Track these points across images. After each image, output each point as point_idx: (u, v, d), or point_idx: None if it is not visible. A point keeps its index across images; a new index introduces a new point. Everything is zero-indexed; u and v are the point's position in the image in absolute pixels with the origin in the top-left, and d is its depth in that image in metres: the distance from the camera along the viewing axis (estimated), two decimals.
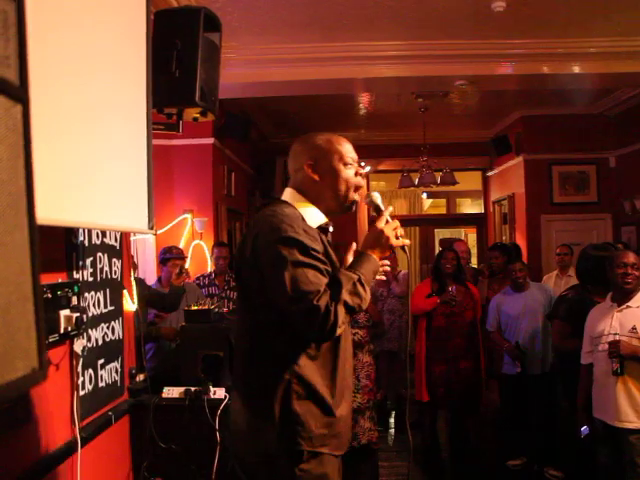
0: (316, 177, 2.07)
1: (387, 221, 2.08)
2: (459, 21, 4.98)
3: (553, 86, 6.40)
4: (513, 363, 4.99)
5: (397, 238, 2.07)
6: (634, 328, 3.41)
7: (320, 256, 1.89)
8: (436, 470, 5.15)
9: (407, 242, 2.12)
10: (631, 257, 3.51)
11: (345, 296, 1.84)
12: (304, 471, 1.90)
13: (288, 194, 2.12)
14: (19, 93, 0.80)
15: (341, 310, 1.82)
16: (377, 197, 2.14)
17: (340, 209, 2.13)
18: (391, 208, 2.14)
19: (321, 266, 1.87)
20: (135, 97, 2.64)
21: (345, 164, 2.08)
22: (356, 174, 2.11)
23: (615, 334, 3.44)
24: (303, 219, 1.99)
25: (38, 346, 0.80)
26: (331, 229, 2.16)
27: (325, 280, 1.85)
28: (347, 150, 2.10)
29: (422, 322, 5.37)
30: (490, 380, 5.78)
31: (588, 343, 3.67)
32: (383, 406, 6.08)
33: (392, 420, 6.39)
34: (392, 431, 6.08)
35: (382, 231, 2.05)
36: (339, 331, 1.84)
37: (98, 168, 2.22)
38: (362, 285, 1.91)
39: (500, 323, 5.20)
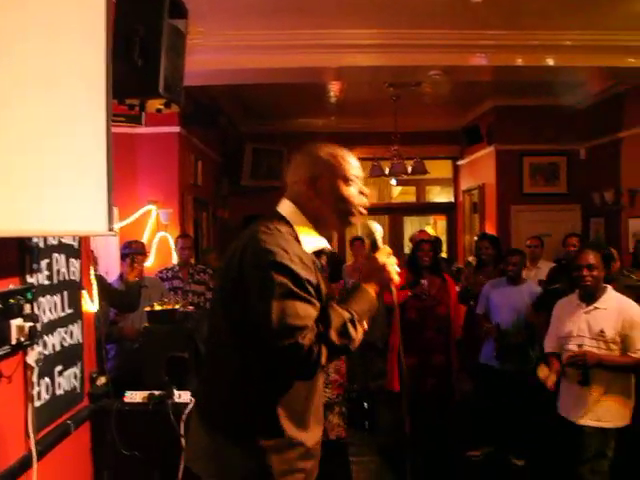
0: (314, 196, 1.90)
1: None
2: (434, 10, 4.88)
3: (527, 78, 6.35)
4: (492, 347, 4.97)
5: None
6: (602, 331, 3.43)
7: (312, 290, 1.74)
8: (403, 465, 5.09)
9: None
10: (590, 258, 3.50)
11: (333, 337, 1.70)
12: None
13: (287, 208, 1.93)
14: None
15: (325, 351, 1.68)
16: (377, 230, 2.00)
17: (337, 229, 2.01)
18: (388, 249, 1.98)
19: (313, 300, 1.73)
20: (94, 88, 2.46)
21: (347, 181, 1.91)
22: (360, 193, 1.95)
23: (583, 337, 3.47)
24: (299, 241, 1.84)
25: None
26: (326, 249, 1.99)
27: (314, 315, 1.71)
28: (352, 166, 1.94)
29: (395, 314, 5.31)
30: (463, 372, 5.75)
31: (554, 336, 3.72)
32: (358, 399, 6.00)
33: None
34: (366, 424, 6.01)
35: (384, 266, 1.92)
36: (318, 370, 1.72)
37: (50, 170, 2.07)
38: (353, 325, 1.76)
39: (487, 309, 5.17)
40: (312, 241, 1.89)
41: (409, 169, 8.37)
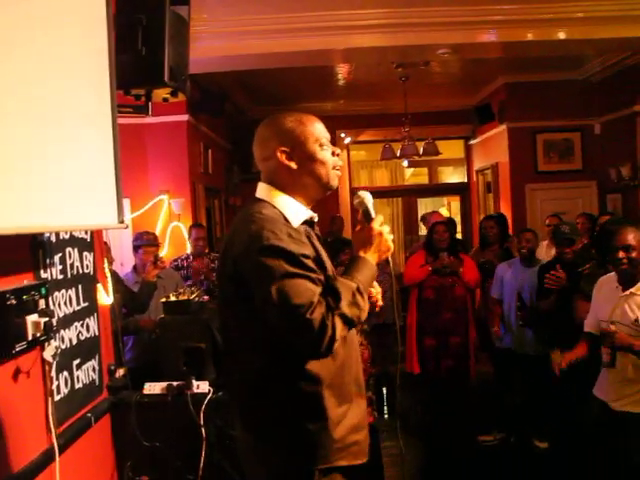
0: (293, 165, 1.86)
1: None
2: None
3: (538, 53, 6.24)
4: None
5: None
6: (637, 320, 3.12)
7: (310, 262, 1.71)
8: (427, 449, 5.09)
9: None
10: (629, 238, 3.12)
11: (345, 308, 1.67)
12: None
13: (263, 190, 1.91)
14: None
15: (339, 323, 1.65)
16: (369, 200, 1.95)
17: (322, 195, 1.96)
18: (381, 217, 1.95)
19: (312, 275, 1.69)
20: (99, 80, 2.44)
21: (321, 145, 1.88)
22: (333, 154, 1.92)
23: (617, 323, 3.14)
24: (286, 219, 1.81)
25: None
26: (316, 219, 1.97)
27: (318, 290, 1.67)
28: (320, 130, 1.91)
29: (413, 294, 5.37)
30: (483, 353, 5.73)
31: (594, 317, 3.41)
32: (377, 385, 5.99)
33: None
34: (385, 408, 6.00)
35: (380, 234, 1.89)
36: (336, 345, 1.66)
37: (59, 165, 2.05)
38: (361, 294, 1.74)
39: (501, 293, 5.06)
40: (298, 213, 1.87)
41: (421, 150, 8.30)
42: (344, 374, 1.86)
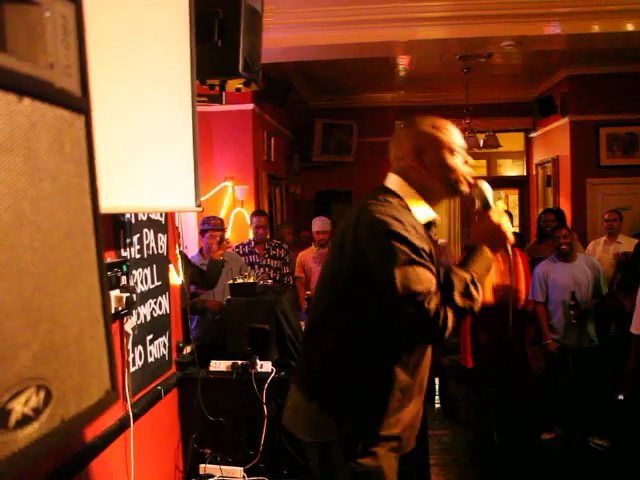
0: (422, 169, 1.92)
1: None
2: None
3: (603, 45, 6.10)
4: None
5: None
6: None
7: (427, 257, 1.78)
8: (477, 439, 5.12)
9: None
10: None
11: (457, 299, 1.74)
12: (359, 464, 1.86)
13: (394, 182, 1.96)
14: (81, 104, 0.75)
15: (451, 315, 1.72)
16: (487, 190, 1.99)
17: (449, 198, 2.06)
18: (501, 206, 2.00)
19: (431, 266, 1.76)
20: (180, 70, 2.57)
21: (452, 152, 1.93)
22: (465, 162, 1.97)
23: None
24: (410, 212, 1.88)
25: (110, 368, 0.76)
26: (439, 221, 2.02)
27: (435, 281, 1.74)
28: (455, 137, 1.96)
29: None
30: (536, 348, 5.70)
31: None
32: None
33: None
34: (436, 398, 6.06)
35: (499, 225, 1.94)
36: (447, 334, 1.73)
37: (144, 149, 2.18)
38: (475, 285, 1.79)
39: (547, 294, 5.02)
40: (423, 212, 1.93)
41: (481, 142, 8.24)
42: (415, 375, 1.94)
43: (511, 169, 11.74)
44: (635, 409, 3.74)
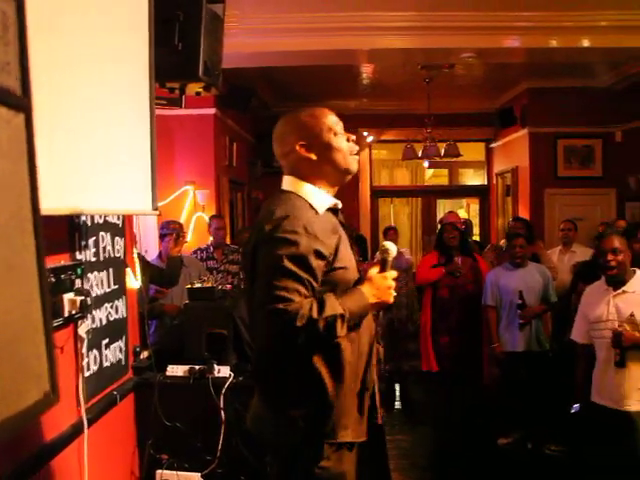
0: (312, 156, 2.00)
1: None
2: None
3: (561, 60, 6.28)
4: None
5: None
6: (632, 315, 3.34)
7: (313, 263, 1.81)
8: (438, 443, 5.16)
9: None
10: (614, 242, 3.41)
11: (320, 323, 1.75)
12: (323, 469, 1.88)
13: (288, 182, 2.05)
14: (21, 102, 0.74)
15: (312, 329, 1.75)
16: (392, 252, 2.07)
17: (343, 180, 2.09)
18: (394, 273, 2.05)
19: (304, 275, 1.79)
20: (138, 72, 2.56)
21: (335, 134, 2.02)
22: (347, 140, 2.06)
23: (614, 321, 3.38)
24: (312, 206, 1.94)
25: (49, 370, 0.75)
26: (340, 206, 2.09)
27: (303, 292, 1.78)
28: (333, 121, 2.05)
29: (427, 293, 5.45)
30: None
31: (584, 323, 3.62)
32: (389, 381, 6.06)
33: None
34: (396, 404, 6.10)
35: (390, 287, 2.00)
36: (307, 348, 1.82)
37: (99, 151, 2.16)
38: (342, 322, 1.80)
39: (499, 299, 5.08)
40: (323, 200, 2.00)
41: (442, 152, 8.35)
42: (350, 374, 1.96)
43: (472, 178, 11.91)
44: (589, 418, 3.81)
